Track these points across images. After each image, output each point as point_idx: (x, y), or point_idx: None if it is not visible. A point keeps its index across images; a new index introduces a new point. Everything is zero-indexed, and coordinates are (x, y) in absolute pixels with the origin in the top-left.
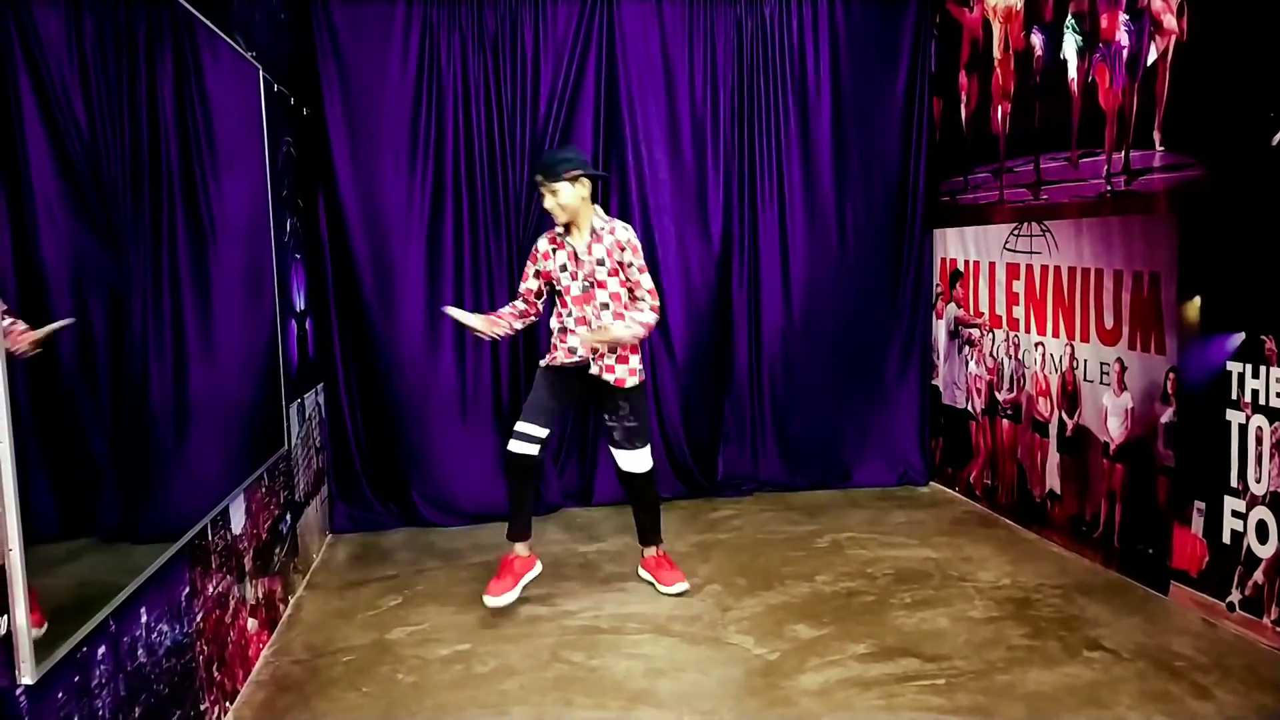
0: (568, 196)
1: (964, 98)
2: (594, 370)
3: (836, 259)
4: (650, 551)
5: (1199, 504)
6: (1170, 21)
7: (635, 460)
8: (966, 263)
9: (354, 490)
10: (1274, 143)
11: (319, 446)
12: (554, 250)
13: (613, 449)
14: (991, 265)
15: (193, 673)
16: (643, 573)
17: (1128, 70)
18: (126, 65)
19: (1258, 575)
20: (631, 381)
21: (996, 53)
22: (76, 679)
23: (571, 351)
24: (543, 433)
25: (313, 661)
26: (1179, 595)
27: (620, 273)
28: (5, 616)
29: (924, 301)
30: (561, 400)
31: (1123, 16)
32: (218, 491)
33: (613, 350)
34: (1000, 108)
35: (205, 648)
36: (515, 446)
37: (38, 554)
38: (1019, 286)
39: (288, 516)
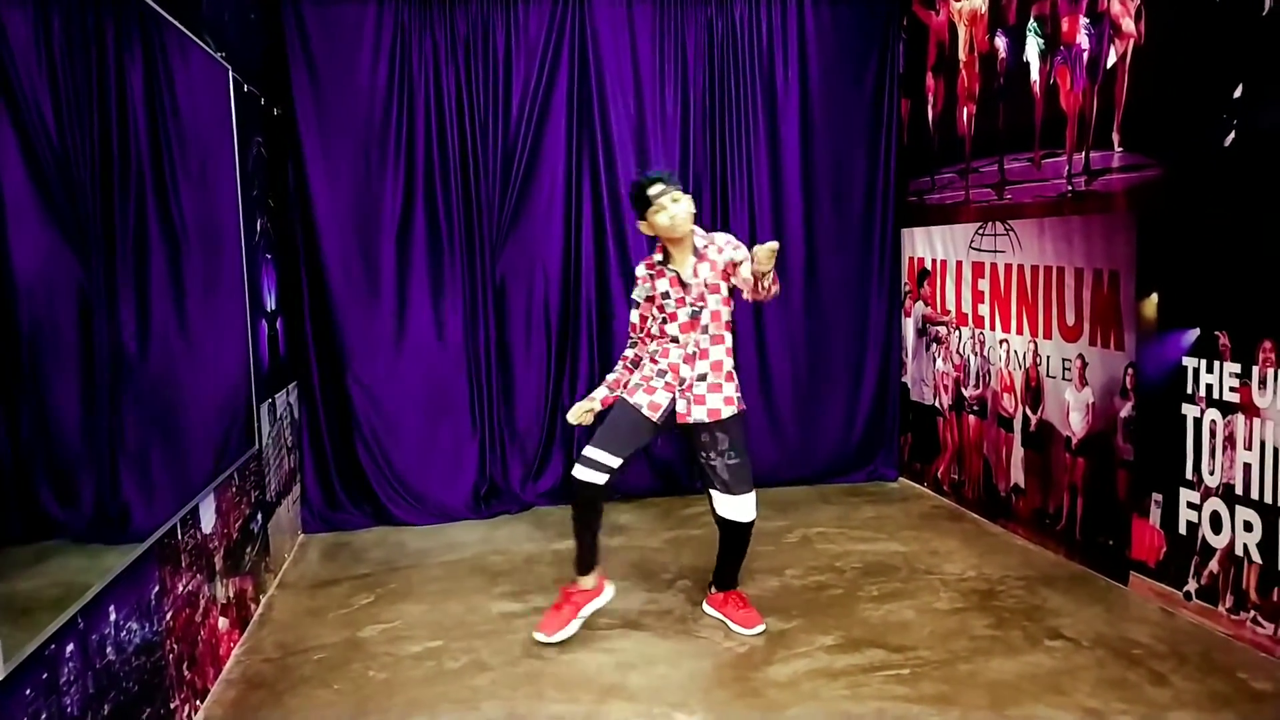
0: (691, 207)
1: (931, 99)
2: (681, 408)
3: (806, 259)
4: (719, 591)
5: (1156, 496)
6: (1129, 25)
7: (740, 507)
8: (934, 261)
9: (326, 490)
10: (1227, 144)
11: (290, 446)
12: (653, 278)
13: (713, 492)
14: (958, 264)
15: (162, 671)
16: (710, 609)
17: (1088, 73)
18: (96, 66)
19: (1213, 565)
20: (728, 411)
21: (962, 55)
22: (45, 676)
23: (656, 406)
24: (615, 462)
25: (284, 660)
26: (1138, 585)
27: (725, 282)
28: None
29: (893, 300)
30: (644, 438)
31: (1083, 20)
32: (187, 491)
33: (702, 378)
34: (966, 109)
35: (175, 646)
36: (583, 474)
37: (8, 554)
38: (984, 285)
39: (259, 516)
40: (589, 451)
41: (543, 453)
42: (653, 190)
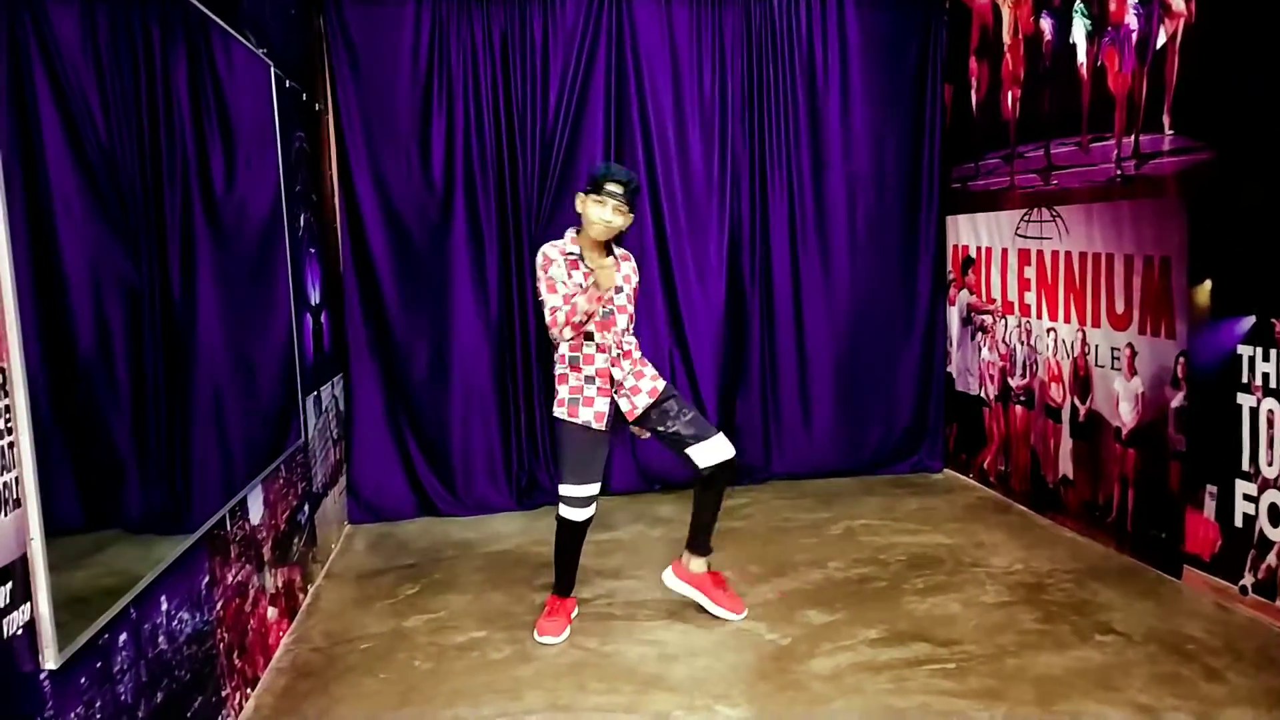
0: (624, 225)
1: (974, 83)
2: (625, 407)
3: (848, 247)
4: (699, 565)
5: (1211, 488)
6: (1179, 4)
7: (720, 446)
8: (978, 249)
9: (371, 481)
10: None
11: (336, 438)
12: (569, 269)
13: (690, 451)
14: (1003, 251)
15: (214, 659)
16: (685, 587)
17: (1137, 54)
18: (143, 64)
19: (1270, 558)
20: (662, 384)
21: (1006, 38)
22: (99, 665)
23: (601, 415)
24: (596, 489)
25: (331, 649)
26: (1192, 579)
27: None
28: (28, 603)
29: (938, 288)
30: (606, 447)
31: (1131, 0)
32: (236, 483)
33: (630, 374)
34: (1010, 93)
35: (226, 635)
36: (575, 514)
37: (64, 545)
38: (1030, 272)
39: (306, 507)
40: (570, 490)
41: None
42: (608, 186)
